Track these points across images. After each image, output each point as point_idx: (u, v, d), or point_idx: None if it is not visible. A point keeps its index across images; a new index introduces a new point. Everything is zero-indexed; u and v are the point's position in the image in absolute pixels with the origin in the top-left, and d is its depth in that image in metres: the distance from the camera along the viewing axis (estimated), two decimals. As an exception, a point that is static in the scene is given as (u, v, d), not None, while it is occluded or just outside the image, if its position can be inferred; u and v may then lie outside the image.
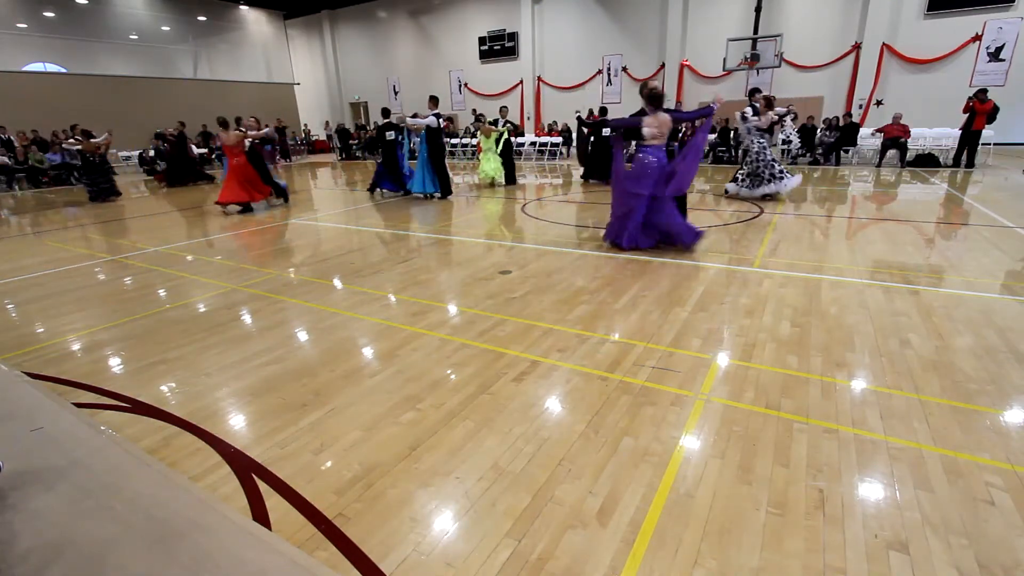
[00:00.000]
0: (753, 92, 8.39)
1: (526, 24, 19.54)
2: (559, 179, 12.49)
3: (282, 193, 9.74)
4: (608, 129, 9.46)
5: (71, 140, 11.76)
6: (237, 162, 8.94)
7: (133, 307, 4.35)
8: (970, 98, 10.92)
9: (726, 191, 8.78)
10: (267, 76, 24.56)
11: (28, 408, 2.62)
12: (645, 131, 5.24)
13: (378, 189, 10.61)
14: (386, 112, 10.46)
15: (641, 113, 5.62)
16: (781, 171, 8.21)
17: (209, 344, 3.54)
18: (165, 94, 20.30)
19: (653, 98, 5.18)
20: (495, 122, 11.52)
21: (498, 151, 11.11)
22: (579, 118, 12.94)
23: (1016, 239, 5.55)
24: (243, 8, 23.54)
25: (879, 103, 14.88)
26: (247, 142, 9.06)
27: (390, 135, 10.11)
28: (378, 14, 23.75)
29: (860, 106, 14.95)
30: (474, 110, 19.77)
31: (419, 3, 22.23)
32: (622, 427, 2.40)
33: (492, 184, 11.30)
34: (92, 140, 11.08)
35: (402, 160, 10.42)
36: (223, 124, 8.93)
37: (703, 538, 1.76)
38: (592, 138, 11.48)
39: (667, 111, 5.30)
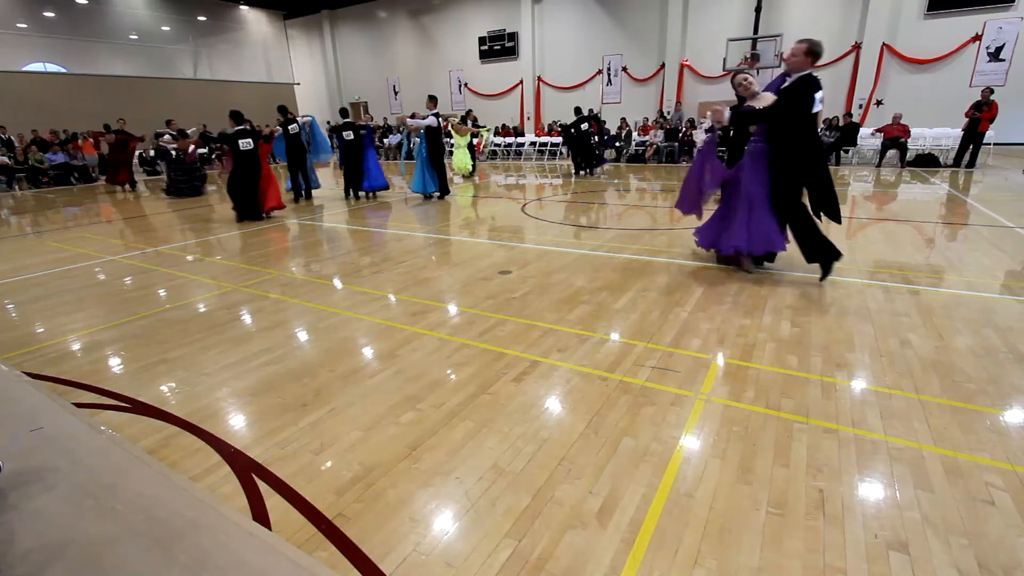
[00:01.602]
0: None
1: (526, 24, 19.52)
2: (559, 179, 12.49)
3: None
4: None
5: (166, 136, 11.54)
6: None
7: (133, 307, 4.35)
8: (974, 110, 10.88)
9: None
10: (267, 76, 24.57)
11: (28, 408, 2.62)
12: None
13: (350, 191, 10.21)
14: (344, 112, 10.17)
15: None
16: None
17: (209, 344, 3.54)
18: (165, 94, 20.29)
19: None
20: (464, 121, 13.40)
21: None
22: (562, 126, 14.66)
23: (1016, 239, 5.55)
24: (243, 8, 23.55)
25: (879, 103, 14.87)
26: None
27: (348, 135, 9.74)
28: (378, 14, 23.74)
29: (860, 106, 14.95)
30: (469, 111, 19.78)
31: (419, 3, 22.22)
32: (622, 427, 2.40)
33: (471, 174, 12.97)
34: (187, 138, 11.33)
35: (367, 160, 9.92)
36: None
37: (703, 538, 1.76)
38: (573, 133, 12.68)
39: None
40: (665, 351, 3.17)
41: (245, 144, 7.92)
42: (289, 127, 9.70)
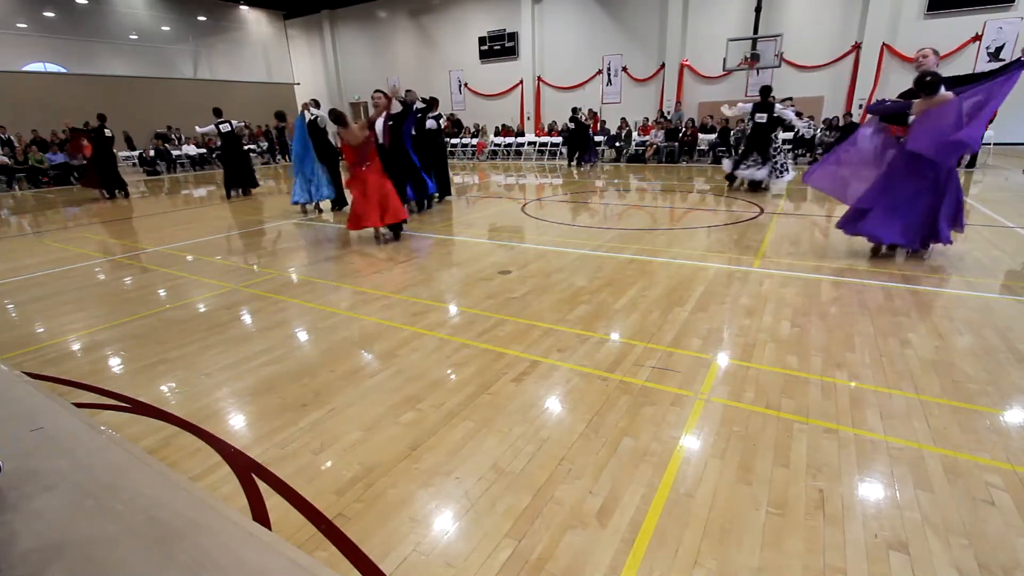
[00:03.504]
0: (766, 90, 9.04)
1: (526, 24, 19.50)
2: (559, 179, 12.49)
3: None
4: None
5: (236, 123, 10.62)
6: (372, 176, 6.04)
7: (133, 307, 4.35)
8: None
9: (763, 183, 9.21)
10: (267, 76, 24.57)
11: (28, 408, 2.62)
12: (911, 118, 4.79)
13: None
14: (435, 101, 8.23)
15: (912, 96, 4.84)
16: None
17: (209, 344, 3.54)
18: (165, 94, 20.30)
19: (923, 84, 4.63)
20: None
21: None
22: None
23: (1016, 239, 5.55)
24: (243, 8, 23.54)
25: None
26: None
27: (431, 124, 8.30)
28: (378, 14, 23.73)
29: (860, 106, 14.93)
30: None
31: (419, 3, 22.20)
32: (622, 427, 2.40)
33: None
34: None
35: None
36: (339, 119, 6.01)
37: (703, 538, 1.76)
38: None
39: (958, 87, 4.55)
40: (665, 351, 3.16)
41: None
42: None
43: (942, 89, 4.47)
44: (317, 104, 8.58)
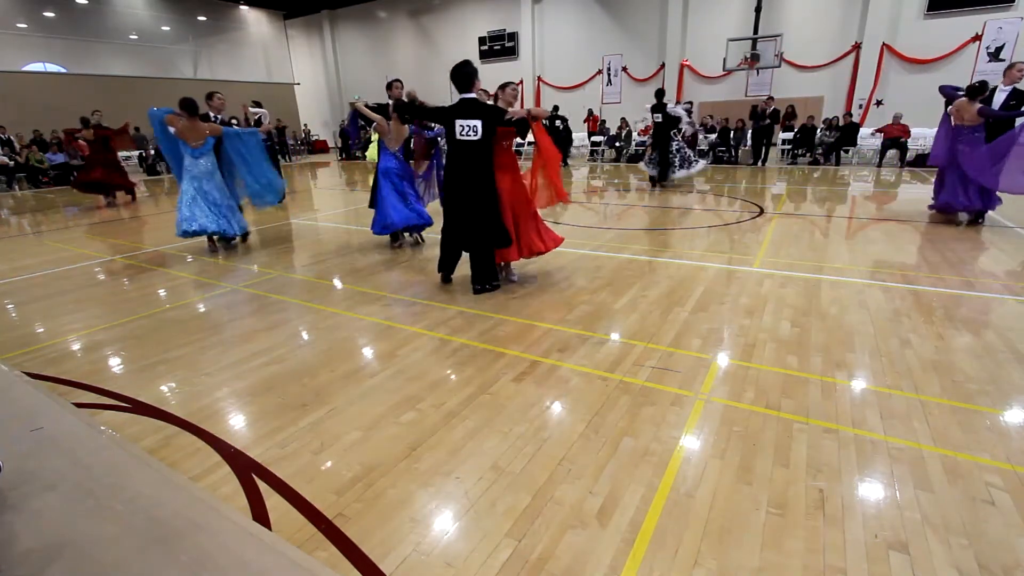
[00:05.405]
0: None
1: (526, 24, 19.50)
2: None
3: None
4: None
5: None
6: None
7: (133, 307, 4.35)
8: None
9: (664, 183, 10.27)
10: (267, 76, 24.55)
11: (28, 408, 2.62)
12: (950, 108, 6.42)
13: None
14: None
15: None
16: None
17: (209, 344, 3.54)
18: (165, 94, 20.13)
19: (971, 90, 6.26)
20: None
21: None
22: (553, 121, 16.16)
23: (1016, 239, 5.55)
24: (243, 8, 23.54)
25: (879, 103, 14.85)
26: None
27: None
28: (378, 14, 23.73)
29: (860, 106, 14.93)
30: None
31: (419, 3, 22.20)
32: (622, 427, 2.40)
33: None
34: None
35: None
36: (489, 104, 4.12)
37: (703, 538, 1.76)
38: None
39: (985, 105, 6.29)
40: (665, 351, 3.16)
41: (465, 129, 4.00)
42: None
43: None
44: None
